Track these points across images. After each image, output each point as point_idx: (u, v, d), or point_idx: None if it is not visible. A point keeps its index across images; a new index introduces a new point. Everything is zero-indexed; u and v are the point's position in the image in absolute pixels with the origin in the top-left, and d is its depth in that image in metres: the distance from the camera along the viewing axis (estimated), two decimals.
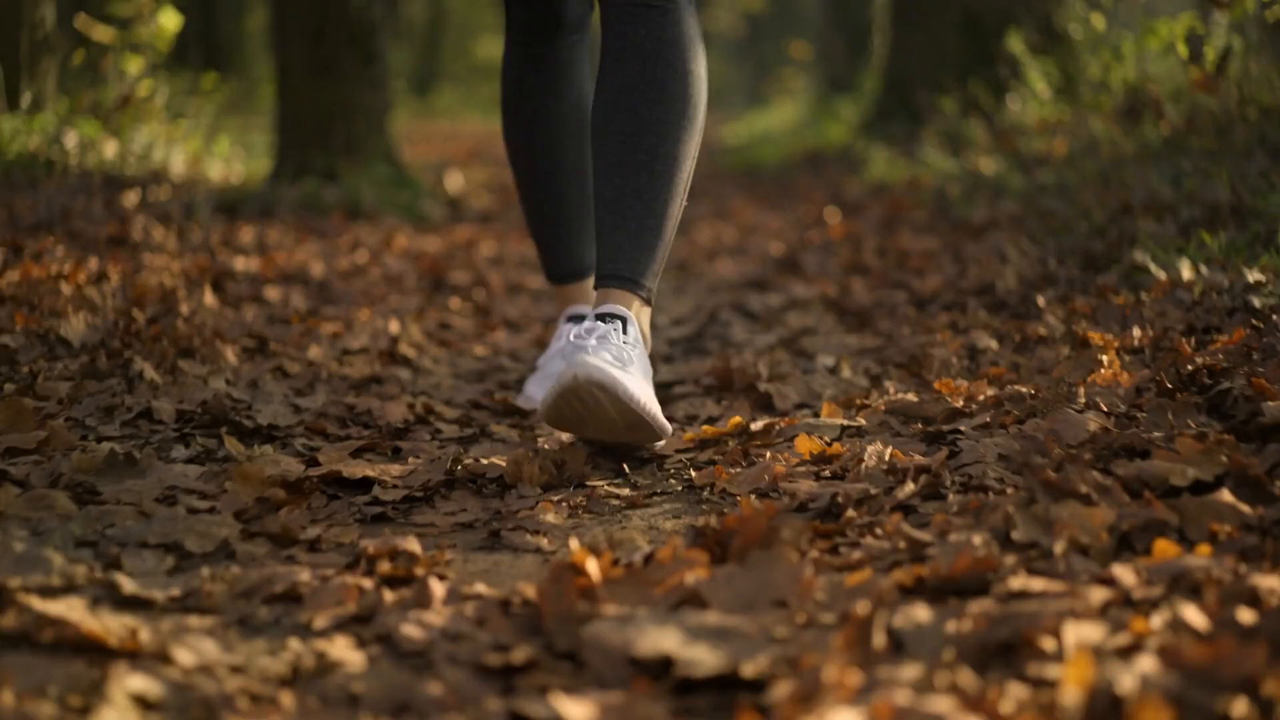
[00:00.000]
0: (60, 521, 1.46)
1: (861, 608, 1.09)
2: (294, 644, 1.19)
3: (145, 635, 1.17)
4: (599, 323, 1.77)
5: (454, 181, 6.29)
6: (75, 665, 1.12)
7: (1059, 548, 1.30)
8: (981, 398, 1.90)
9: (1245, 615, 1.08)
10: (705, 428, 1.87)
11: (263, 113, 10.37)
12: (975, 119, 5.63)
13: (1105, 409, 1.76)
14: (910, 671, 1.04)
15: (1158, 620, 1.10)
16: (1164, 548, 1.27)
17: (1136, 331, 2.14)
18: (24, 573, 1.29)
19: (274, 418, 1.92)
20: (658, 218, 1.83)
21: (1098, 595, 1.16)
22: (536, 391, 2.14)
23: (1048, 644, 1.07)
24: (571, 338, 1.76)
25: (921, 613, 1.16)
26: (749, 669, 1.07)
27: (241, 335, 2.49)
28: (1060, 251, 3.13)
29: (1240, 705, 0.93)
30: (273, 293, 3.07)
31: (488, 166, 8.36)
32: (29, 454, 1.68)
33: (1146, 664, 0.99)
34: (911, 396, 1.93)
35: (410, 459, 1.78)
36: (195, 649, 1.17)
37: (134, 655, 1.15)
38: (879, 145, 6.35)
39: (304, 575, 1.33)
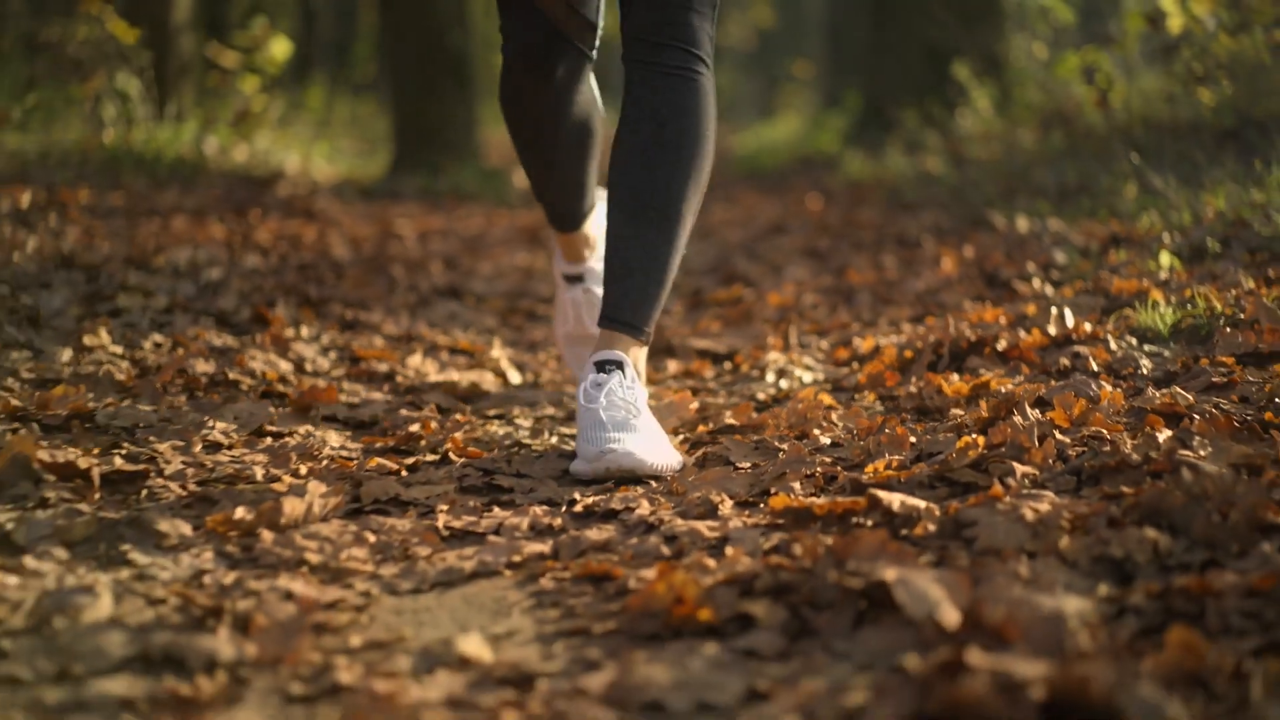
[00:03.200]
0: (408, 317, 3.05)
1: (784, 326, 2.66)
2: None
3: (476, 346, 2.76)
4: (601, 374, 1.87)
5: (521, 177, 7.88)
6: (461, 357, 2.70)
7: (883, 322, 2.88)
8: (870, 280, 3.47)
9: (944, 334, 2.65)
10: (719, 292, 3.45)
11: (324, 121, 11.92)
12: (931, 130, 7.19)
13: (933, 282, 3.32)
14: (806, 352, 2.62)
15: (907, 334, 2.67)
16: (930, 320, 2.84)
17: (969, 251, 3.70)
18: (414, 325, 2.87)
19: (482, 291, 3.51)
20: (661, 269, 1.94)
21: (887, 329, 2.74)
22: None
23: (858, 340, 2.64)
24: (582, 399, 1.85)
25: (815, 337, 2.75)
26: (738, 351, 2.66)
27: (436, 259, 4.07)
28: (956, 217, 4.70)
29: (908, 359, 2.49)
30: (434, 243, 4.65)
31: None
32: (374, 299, 3.26)
33: (883, 341, 2.56)
34: (832, 280, 3.51)
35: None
36: (488, 345, 2.76)
37: (468, 350, 2.73)
38: (855, 150, 7.95)
39: (535, 335, 2.93)
